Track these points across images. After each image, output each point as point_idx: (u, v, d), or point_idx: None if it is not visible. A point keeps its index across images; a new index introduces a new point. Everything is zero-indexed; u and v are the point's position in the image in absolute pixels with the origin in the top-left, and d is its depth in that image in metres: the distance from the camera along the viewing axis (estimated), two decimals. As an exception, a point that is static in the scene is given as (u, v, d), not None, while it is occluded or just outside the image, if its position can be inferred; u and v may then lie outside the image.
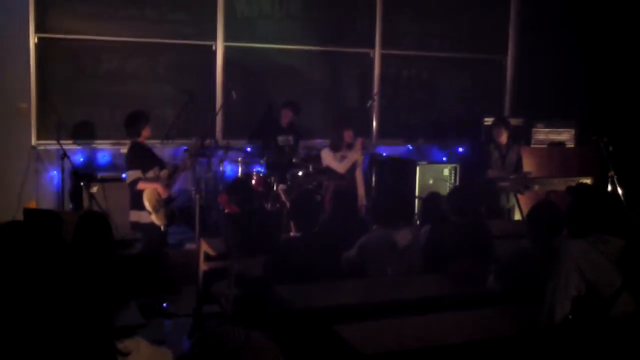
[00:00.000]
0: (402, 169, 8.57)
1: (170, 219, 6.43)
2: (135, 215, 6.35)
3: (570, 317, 3.30)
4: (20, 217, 6.64)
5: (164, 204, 6.36)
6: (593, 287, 3.31)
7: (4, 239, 3.26)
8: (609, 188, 7.38)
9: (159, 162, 6.55)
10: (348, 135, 7.61)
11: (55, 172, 7.74)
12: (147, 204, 6.21)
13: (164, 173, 6.49)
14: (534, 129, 8.73)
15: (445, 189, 7.82)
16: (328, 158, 7.62)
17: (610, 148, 7.65)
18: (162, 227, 6.35)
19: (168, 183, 6.44)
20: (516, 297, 3.89)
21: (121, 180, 7.07)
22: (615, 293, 3.27)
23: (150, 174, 6.36)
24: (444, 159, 9.29)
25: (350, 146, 7.62)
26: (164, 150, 8.07)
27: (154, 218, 6.26)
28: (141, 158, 6.37)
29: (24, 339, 2.33)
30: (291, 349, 2.22)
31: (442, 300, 4.09)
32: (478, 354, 3.39)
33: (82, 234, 4.10)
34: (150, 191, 6.26)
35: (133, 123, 6.42)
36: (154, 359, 2.53)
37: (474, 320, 3.73)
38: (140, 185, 6.24)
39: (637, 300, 3.29)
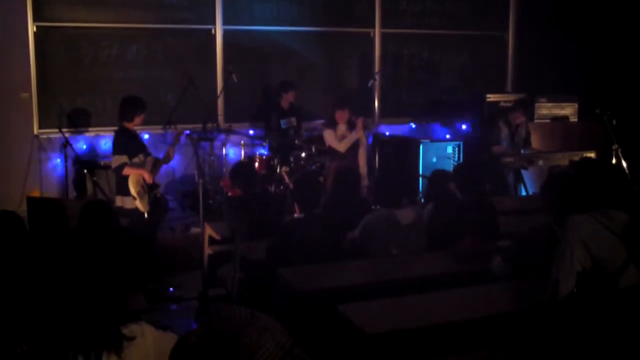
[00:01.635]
0: (406, 148, 8.55)
1: (154, 205, 6.40)
2: (119, 201, 6.29)
3: (575, 291, 3.30)
4: (24, 205, 6.68)
5: (148, 190, 6.34)
6: (598, 261, 3.30)
7: (3, 226, 3.29)
8: (613, 161, 7.35)
9: (144, 149, 6.52)
10: (343, 114, 7.61)
11: (58, 160, 7.75)
12: (132, 190, 6.18)
13: (149, 159, 6.46)
14: (537, 104, 8.70)
15: (449, 166, 7.80)
16: (330, 138, 7.63)
17: (614, 121, 7.62)
18: (145, 214, 6.32)
19: (153, 170, 6.42)
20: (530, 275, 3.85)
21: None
22: (620, 267, 3.26)
23: (136, 160, 6.32)
24: (447, 136, 9.26)
25: (351, 125, 7.61)
26: (167, 135, 8.08)
27: (138, 204, 6.23)
28: (128, 143, 6.32)
29: (30, 323, 2.35)
30: (296, 330, 2.22)
31: (447, 279, 4.09)
32: (483, 331, 3.39)
33: (87, 221, 4.11)
34: (135, 177, 6.23)
35: (129, 108, 6.37)
36: (159, 343, 2.55)
37: (479, 297, 3.73)
38: (127, 171, 6.19)
39: (641, 273, 3.28)
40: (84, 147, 7.92)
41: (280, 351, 1.83)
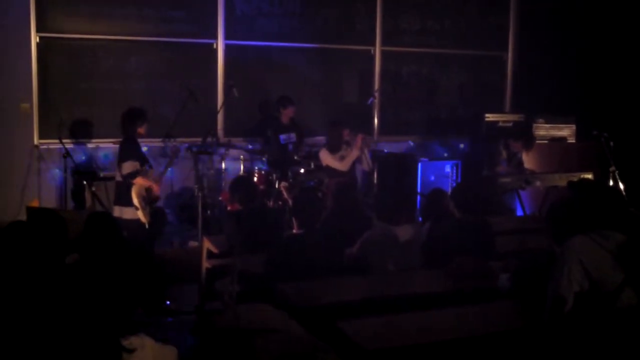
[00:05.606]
0: (404, 166, 8.57)
1: (153, 217, 6.40)
2: (118, 211, 6.24)
3: (573, 311, 3.31)
4: (23, 215, 6.68)
5: (148, 203, 6.34)
6: (595, 282, 3.32)
7: (9, 238, 3.29)
8: (610, 183, 7.39)
9: (148, 161, 6.55)
10: (344, 134, 7.62)
11: (57, 170, 7.75)
12: (135, 200, 6.17)
13: (151, 172, 6.48)
14: (535, 125, 8.73)
15: (447, 185, 7.83)
16: (327, 159, 7.61)
17: (611, 143, 7.67)
18: (146, 224, 6.32)
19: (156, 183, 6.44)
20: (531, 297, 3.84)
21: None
22: (617, 288, 3.28)
23: (142, 169, 6.35)
24: (446, 155, 9.29)
25: (348, 144, 7.62)
26: (166, 148, 8.09)
27: (140, 214, 6.21)
28: (137, 151, 6.35)
29: (31, 336, 2.36)
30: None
31: (444, 296, 4.10)
32: (480, 348, 3.40)
33: (91, 232, 4.11)
34: (138, 187, 6.22)
35: (131, 120, 6.40)
36: (159, 356, 2.56)
37: (476, 315, 3.74)
38: (139, 180, 6.19)
39: (639, 294, 3.30)
40: (83, 158, 7.93)
41: None
